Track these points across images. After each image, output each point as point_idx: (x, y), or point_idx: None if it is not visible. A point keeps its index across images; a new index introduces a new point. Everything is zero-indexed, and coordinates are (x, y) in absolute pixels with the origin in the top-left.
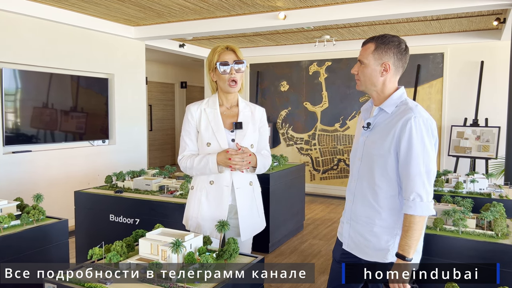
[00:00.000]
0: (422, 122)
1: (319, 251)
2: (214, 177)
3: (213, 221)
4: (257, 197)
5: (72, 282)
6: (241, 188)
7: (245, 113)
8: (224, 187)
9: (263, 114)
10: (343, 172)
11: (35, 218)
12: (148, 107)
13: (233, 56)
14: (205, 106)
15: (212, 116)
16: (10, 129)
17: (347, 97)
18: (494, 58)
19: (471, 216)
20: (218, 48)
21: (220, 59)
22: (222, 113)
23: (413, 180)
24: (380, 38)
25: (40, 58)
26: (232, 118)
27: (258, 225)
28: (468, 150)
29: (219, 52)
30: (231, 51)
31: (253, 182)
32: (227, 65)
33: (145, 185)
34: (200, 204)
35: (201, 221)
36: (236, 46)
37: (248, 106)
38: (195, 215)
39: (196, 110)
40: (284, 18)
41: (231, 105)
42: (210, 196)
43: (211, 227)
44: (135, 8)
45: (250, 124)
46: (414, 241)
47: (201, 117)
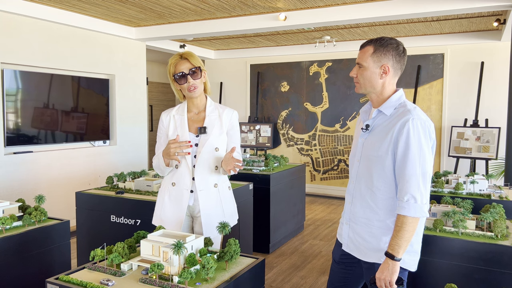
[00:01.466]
0: (420, 124)
1: (320, 251)
2: (176, 180)
3: (172, 220)
4: (223, 198)
5: (74, 283)
6: (205, 190)
7: (211, 117)
8: (184, 190)
9: (232, 116)
10: (343, 172)
11: (37, 219)
12: (148, 108)
13: (188, 64)
14: (174, 112)
15: (179, 122)
16: (11, 130)
17: (347, 98)
18: (494, 59)
19: (471, 217)
20: (173, 60)
21: (176, 70)
22: (190, 118)
23: (408, 181)
24: (378, 40)
25: (41, 59)
26: (199, 122)
27: None
28: (468, 151)
29: (174, 64)
30: (185, 60)
31: (218, 184)
32: (183, 75)
33: (146, 186)
34: (163, 203)
35: (164, 218)
36: (191, 52)
37: (216, 109)
38: (159, 213)
39: (166, 117)
40: (284, 19)
41: (199, 110)
42: (171, 197)
43: (171, 224)
44: (136, 9)
45: (216, 128)
46: (405, 241)
47: (170, 123)
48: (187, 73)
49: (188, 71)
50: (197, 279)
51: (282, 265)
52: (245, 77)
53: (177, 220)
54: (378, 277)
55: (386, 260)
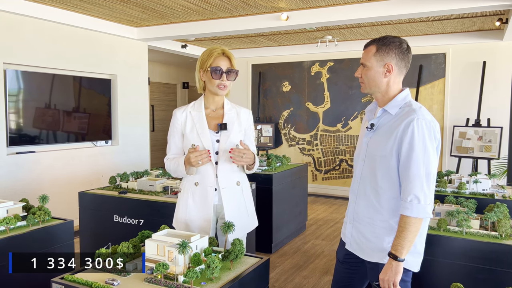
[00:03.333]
0: (424, 124)
1: (322, 251)
2: (199, 179)
3: (200, 220)
4: (246, 197)
5: (80, 283)
6: (227, 188)
7: (230, 115)
8: (208, 187)
9: (249, 116)
10: (345, 172)
11: (41, 219)
12: (150, 108)
13: (227, 63)
14: (190, 109)
15: (197, 119)
16: (14, 130)
17: (349, 98)
18: (496, 58)
19: (475, 217)
20: (215, 52)
21: (214, 63)
22: (208, 115)
23: (412, 181)
24: (381, 40)
25: (43, 59)
26: (217, 119)
27: (248, 224)
28: (470, 151)
29: (214, 56)
30: (226, 57)
31: (240, 182)
32: (220, 72)
33: (149, 185)
34: (187, 205)
35: (189, 221)
36: (232, 54)
37: (234, 108)
38: (184, 216)
39: (182, 113)
40: (286, 19)
41: (217, 107)
42: (196, 197)
43: (198, 227)
44: (137, 9)
45: (235, 125)
46: (408, 242)
47: (187, 120)
48: (224, 71)
49: (225, 69)
50: (202, 279)
51: (285, 265)
52: (246, 77)
53: (205, 219)
54: (382, 278)
55: (390, 261)
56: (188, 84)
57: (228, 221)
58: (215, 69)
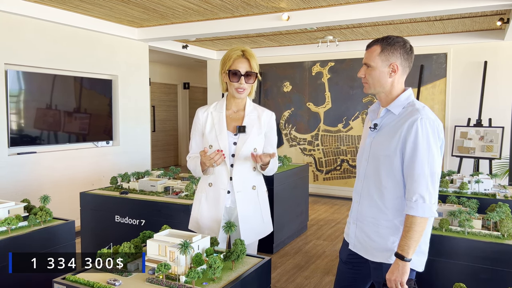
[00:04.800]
0: (428, 124)
1: (323, 251)
2: (213, 180)
3: (210, 222)
4: (262, 202)
5: (81, 283)
6: (242, 192)
7: (251, 117)
8: (221, 190)
9: (271, 118)
10: (346, 172)
11: (42, 219)
12: (151, 108)
13: (246, 65)
14: (212, 109)
15: (217, 119)
16: (15, 131)
17: (350, 98)
18: (497, 58)
19: (477, 217)
20: (234, 54)
21: (232, 66)
22: (228, 116)
23: (417, 181)
24: (385, 39)
25: (44, 60)
26: (237, 121)
27: (262, 229)
28: (472, 151)
29: (233, 59)
30: (246, 59)
31: (256, 186)
32: (239, 75)
33: (150, 186)
34: (200, 204)
35: (200, 222)
36: (253, 54)
37: (255, 110)
38: (196, 215)
39: (203, 113)
40: (287, 19)
41: (238, 108)
42: (209, 198)
43: (208, 227)
44: (138, 9)
45: (255, 128)
46: (414, 242)
47: (207, 120)
48: (243, 74)
49: (244, 72)
50: (204, 279)
51: (286, 265)
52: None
53: (215, 220)
54: (389, 278)
55: (396, 261)
56: (189, 85)
57: (230, 221)
58: (233, 72)
